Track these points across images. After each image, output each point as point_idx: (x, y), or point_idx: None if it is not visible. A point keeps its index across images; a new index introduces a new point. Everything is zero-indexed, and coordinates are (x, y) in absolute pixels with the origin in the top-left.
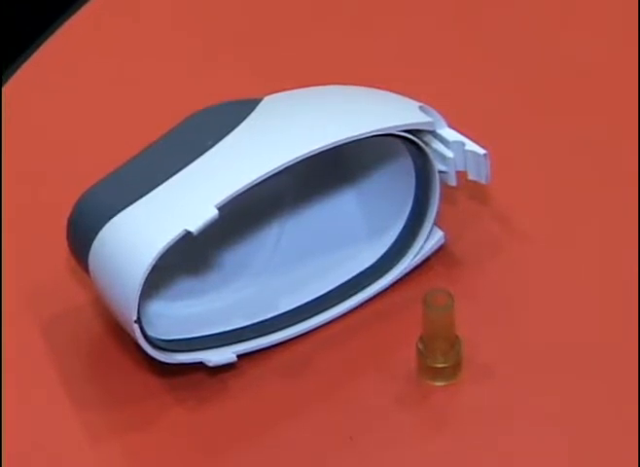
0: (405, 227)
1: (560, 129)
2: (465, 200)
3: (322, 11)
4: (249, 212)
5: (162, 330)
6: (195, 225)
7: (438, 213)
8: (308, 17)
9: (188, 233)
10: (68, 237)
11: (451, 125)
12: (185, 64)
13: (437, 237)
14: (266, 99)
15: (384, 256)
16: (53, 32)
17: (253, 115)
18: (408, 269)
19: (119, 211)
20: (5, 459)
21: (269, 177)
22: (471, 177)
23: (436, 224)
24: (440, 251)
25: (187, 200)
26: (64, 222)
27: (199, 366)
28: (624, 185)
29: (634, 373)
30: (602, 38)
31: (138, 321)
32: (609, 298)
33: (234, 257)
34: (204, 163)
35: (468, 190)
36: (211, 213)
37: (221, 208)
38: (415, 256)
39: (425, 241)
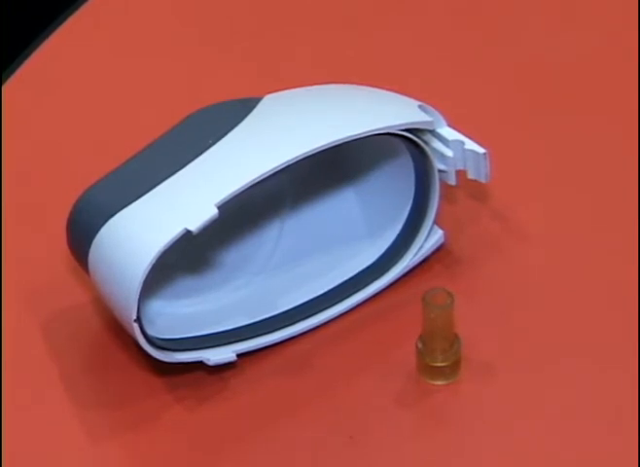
0: (404, 226)
1: (560, 128)
2: (465, 199)
3: (322, 10)
4: (249, 211)
5: (162, 329)
6: (195, 224)
7: (437, 212)
8: (308, 16)
9: (188, 233)
10: (68, 236)
11: (451, 124)
12: (185, 63)
13: (436, 236)
14: (266, 98)
15: (384, 255)
16: (52, 32)
17: (253, 114)
18: (407, 269)
19: (118, 210)
20: (5, 459)
21: (269, 176)
22: (470, 176)
23: (435, 223)
24: (439, 250)
25: (187, 199)
26: (64, 221)
27: (199, 365)
28: (624, 184)
29: (634, 371)
30: (602, 36)
31: (138, 320)
32: (608, 296)
33: (234, 256)
34: (204, 162)
35: (467, 189)
36: (211, 212)
37: (221, 207)
38: (415, 255)
39: (425, 240)
